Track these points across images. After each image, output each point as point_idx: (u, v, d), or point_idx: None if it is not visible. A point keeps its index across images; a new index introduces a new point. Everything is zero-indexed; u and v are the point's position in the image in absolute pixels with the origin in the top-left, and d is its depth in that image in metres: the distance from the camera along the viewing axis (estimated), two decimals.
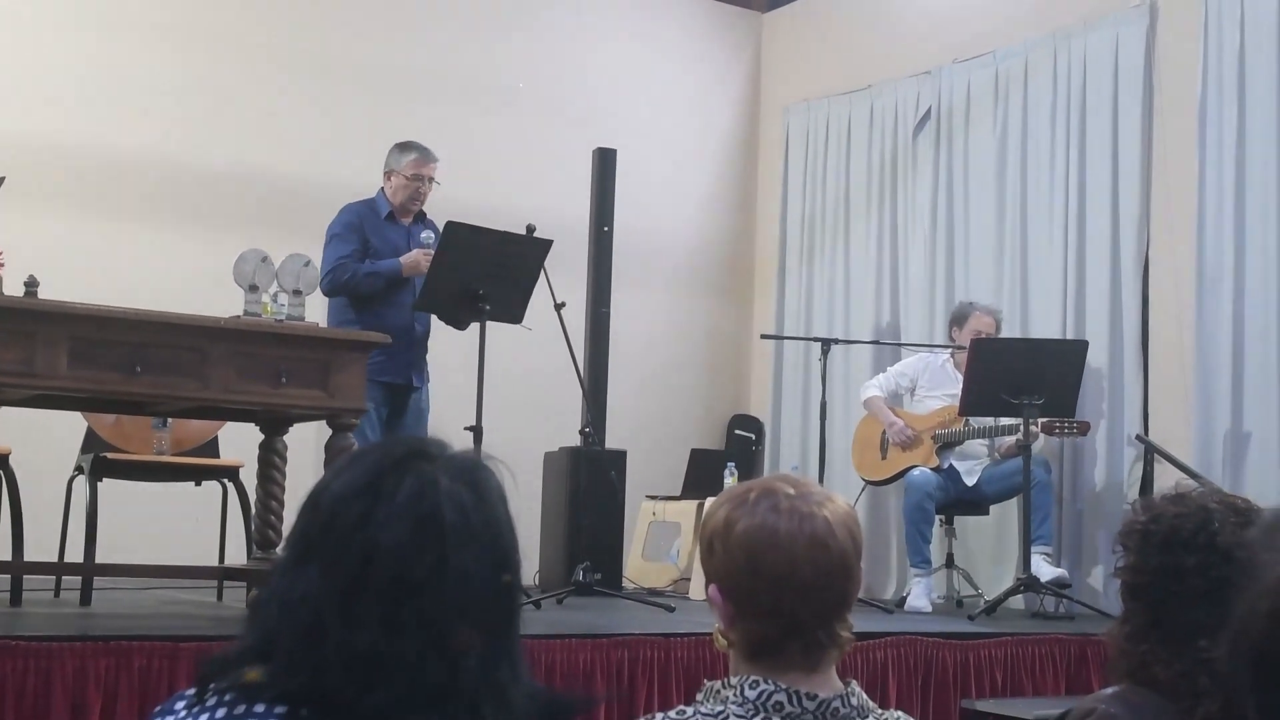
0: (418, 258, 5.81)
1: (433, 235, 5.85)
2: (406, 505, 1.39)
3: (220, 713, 1.36)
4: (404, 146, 6.04)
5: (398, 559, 1.36)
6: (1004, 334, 6.85)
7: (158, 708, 1.43)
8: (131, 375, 4.35)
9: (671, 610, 5.57)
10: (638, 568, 7.53)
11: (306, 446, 5.85)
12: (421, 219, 6.07)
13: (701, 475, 7.96)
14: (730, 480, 7.37)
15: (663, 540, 7.76)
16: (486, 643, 1.39)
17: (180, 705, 1.40)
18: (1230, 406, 6.23)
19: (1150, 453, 6.28)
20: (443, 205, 6.08)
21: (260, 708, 1.35)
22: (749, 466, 8.27)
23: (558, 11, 8.34)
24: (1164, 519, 2.06)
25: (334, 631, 1.34)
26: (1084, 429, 6.34)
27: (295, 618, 1.36)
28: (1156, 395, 6.63)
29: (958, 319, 6.82)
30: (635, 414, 7.99)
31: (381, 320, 5.72)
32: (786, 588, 1.80)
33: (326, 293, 5.84)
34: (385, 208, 6.02)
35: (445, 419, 6.06)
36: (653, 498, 7.77)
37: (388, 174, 6.04)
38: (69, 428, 5.69)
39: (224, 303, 5.03)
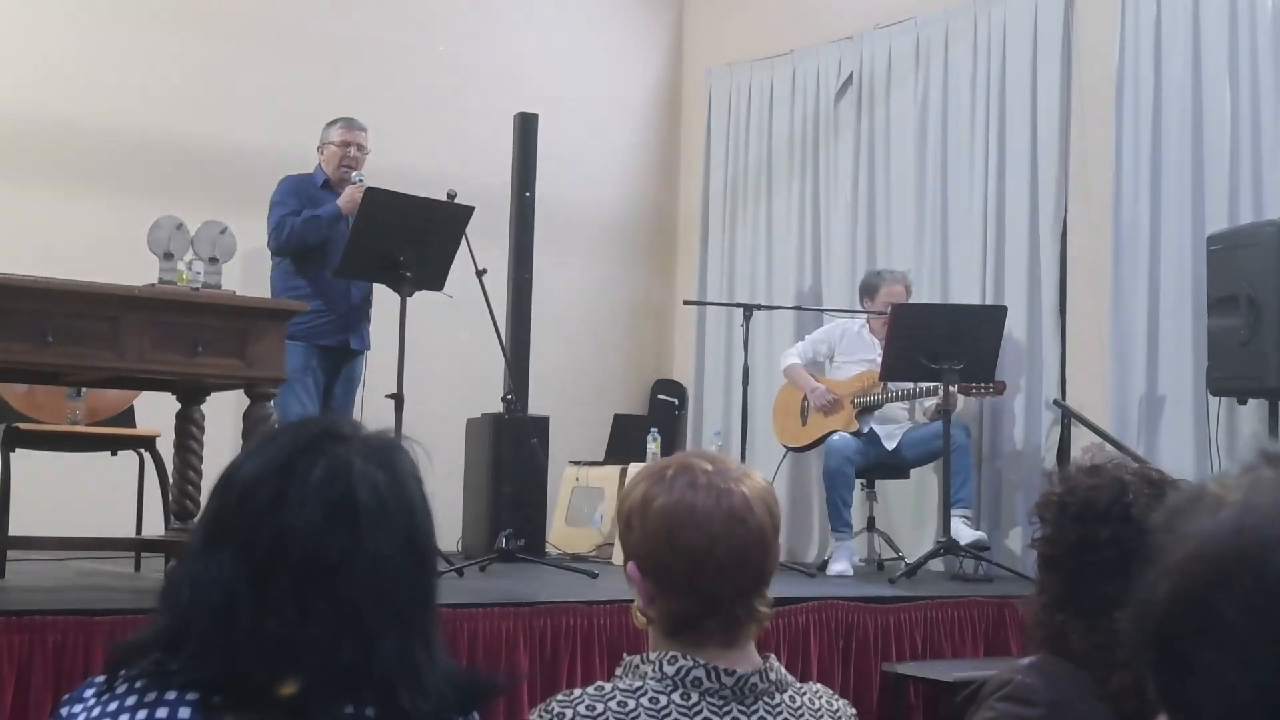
0: (352, 193, 5.93)
1: (361, 176, 6.06)
2: (319, 487, 1.37)
3: (130, 700, 1.34)
4: (333, 120, 6.26)
5: (311, 542, 1.35)
6: (924, 299, 6.90)
7: (67, 696, 1.41)
8: (43, 345, 4.28)
9: (594, 577, 5.57)
10: (561, 533, 7.53)
11: (226, 415, 5.79)
12: None
13: (624, 441, 7.98)
14: (653, 446, 7.38)
15: (586, 506, 7.76)
16: (401, 625, 1.38)
17: (89, 693, 1.38)
18: (1145, 371, 6.31)
19: (1067, 417, 6.37)
20: (366, 170, 6.15)
21: (172, 694, 1.33)
22: (672, 432, 8.28)
23: None
24: (1079, 491, 2.08)
25: (246, 616, 1.32)
26: (1000, 389, 6.40)
27: (207, 602, 1.34)
28: (1074, 360, 6.72)
29: (868, 289, 6.86)
30: (558, 380, 7.97)
31: (320, 284, 5.89)
32: (704, 564, 1.81)
33: (275, 251, 6.08)
34: (320, 178, 6.21)
35: (368, 386, 6.04)
36: (576, 463, 7.77)
37: (321, 147, 6.24)
38: None
39: (139, 270, 4.95)
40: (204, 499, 4.25)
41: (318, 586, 1.34)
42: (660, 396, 8.73)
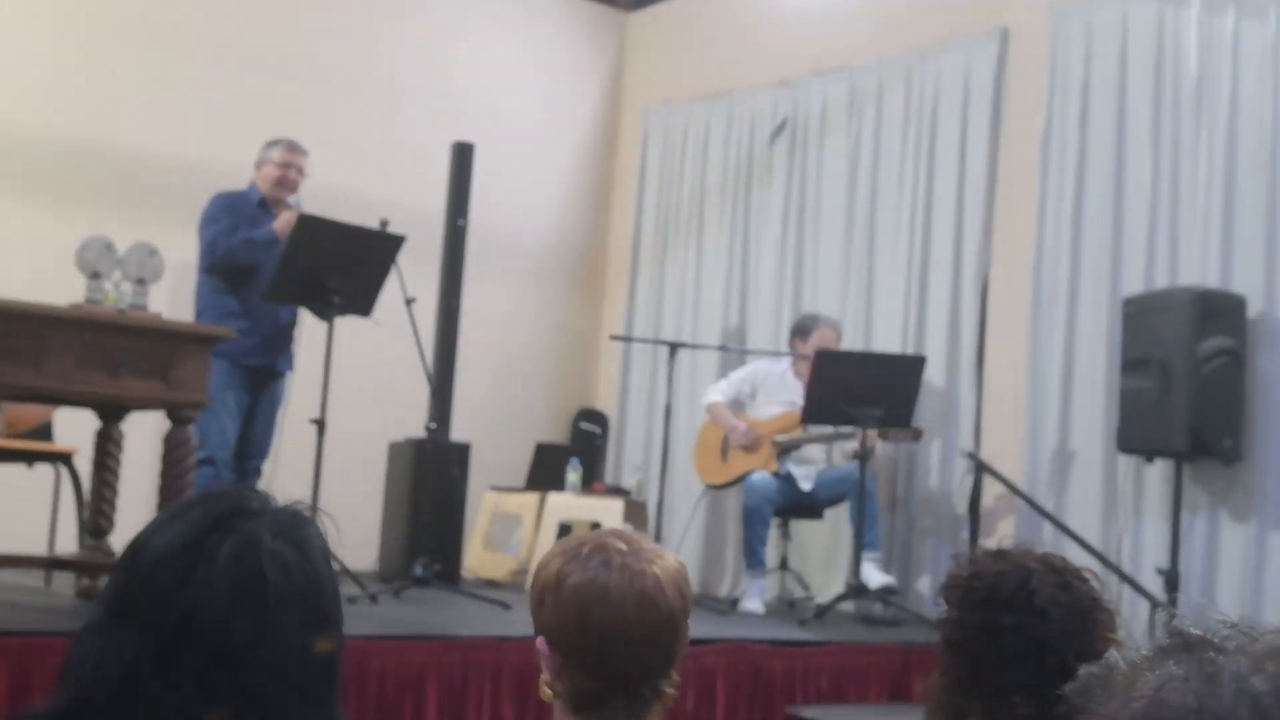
0: (289, 218, 5.82)
1: (298, 199, 6.00)
2: (228, 566, 1.35)
3: None
4: (274, 140, 6.15)
5: (218, 622, 1.33)
6: (847, 345, 7.00)
7: None
8: None
9: (508, 608, 5.61)
10: (477, 558, 7.56)
11: (146, 433, 5.78)
12: None
13: (545, 469, 8.01)
14: (573, 476, 7.43)
15: (504, 532, 7.80)
16: (306, 703, 1.39)
17: None
18: (1058, 426, 6.44)
19: (980, 467, 6.48)
20: (301, 193, 6.11)
21: None
22: (593, 461, 8.33)
23: (422, 3, 8.28)
24: (985, 576, 2.10)
25: (149, 695, 1.30)
26: (917, 435, 6.53)
27: (109, 679, 1.31)
28: (989, 411, 6.84)
29: (800, 330, 6.95)
30: (483, 405, 8.00)
31: (247, 304, 5.84)
32: (614, 643, 1.84)
33: (207, 270, 5.96)
34: (256, 195, 6.09)
35: (293, 409, 6.04)
36: (496, 489, 7.80)
37: (258, 165, 6.12)
38: None
39: (66, 285, 4.94)
40: (119, 516, 4.26)
41: (223, 667, 1.32)
42: (582, 425, 8.77)
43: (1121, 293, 6.20)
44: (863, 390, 6.24)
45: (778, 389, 6.98)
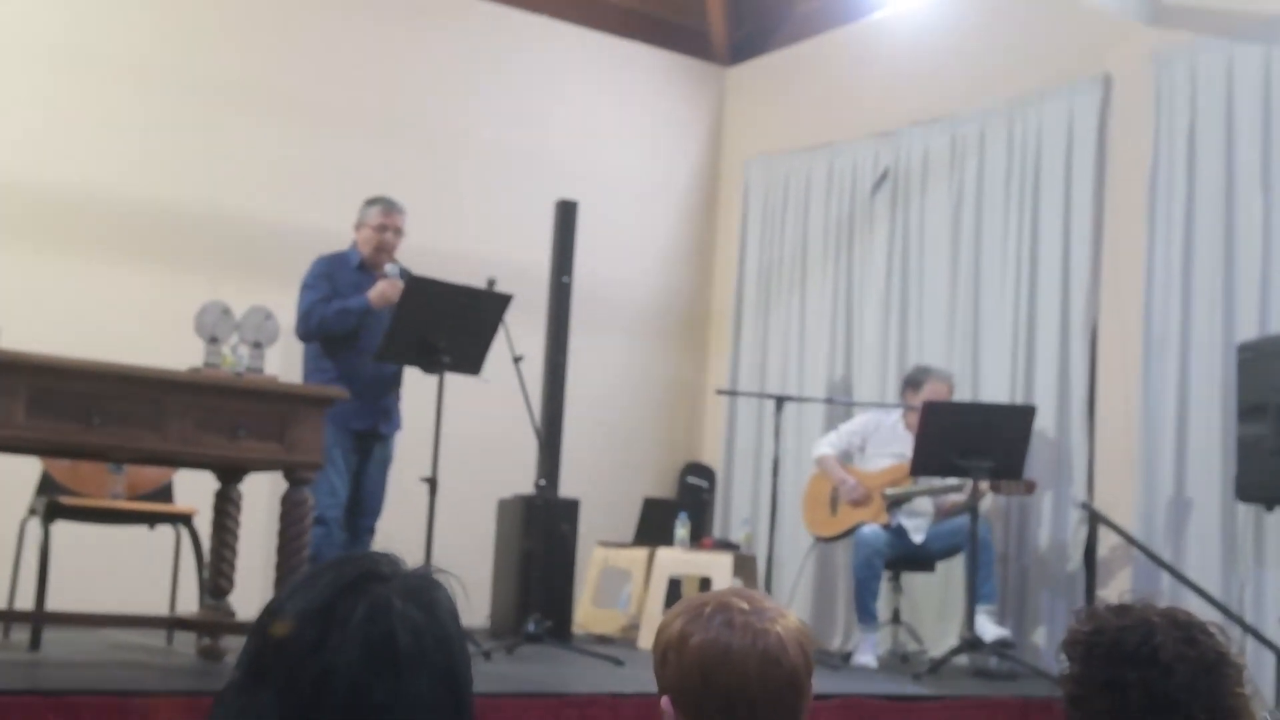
0: (384, 288, 5.87)
1: (398, 268, 5.95)
2: (360, 629, 1.39)
3: None
4: (372, 200, 6.15)
5: (352, 684, 1.36)
6: (955, 396, 6.95)
7: None
8: (89, 425, 4.38)
9: (620, 664, 5.62)
10: (588, 614, 7.57)
11: (261, 493, 5.90)
12: None
13: (653, 524, 8.00)
14: (682, 531, 7.42)
15: (613, 587, 7.81)
16: None
17: None
18: (1173, 474, 6.33)
19: (1094, 518, 6.39)
20: (406, 252, 6.18)
21: None
22: (700, 516, 8.33)
23: (524, 62, 8.41)
24: (1108, 631, 2.07)
25: None
26: (1030, 488, 6.45)
27: None
28: (1102, 460, 6.74)
29: (913, 383, 6.89)
30: (590, 461, 8.05)
31: (352, 367, 5.85)
32: (738, 703, 1.84)
33: (302, 337, 5.98)
34: (356, 258, 6.11)
35: (403, 466, 6.12)
36: (605, 544, 7.82)
37: (357, 226, 6.14)
38: (24, 466, 5.68)
39: (184, 347, 5.07)
40: (238, 575, 4.35)
41: None
42: (689, 479, 8.78)
43: (1235, 338, 6.10)
44: (972, 441, 6.18)
45: (888, 441, 6.94)
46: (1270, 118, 6.20)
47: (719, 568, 7.02)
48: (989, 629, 6.28)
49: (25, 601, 5.32)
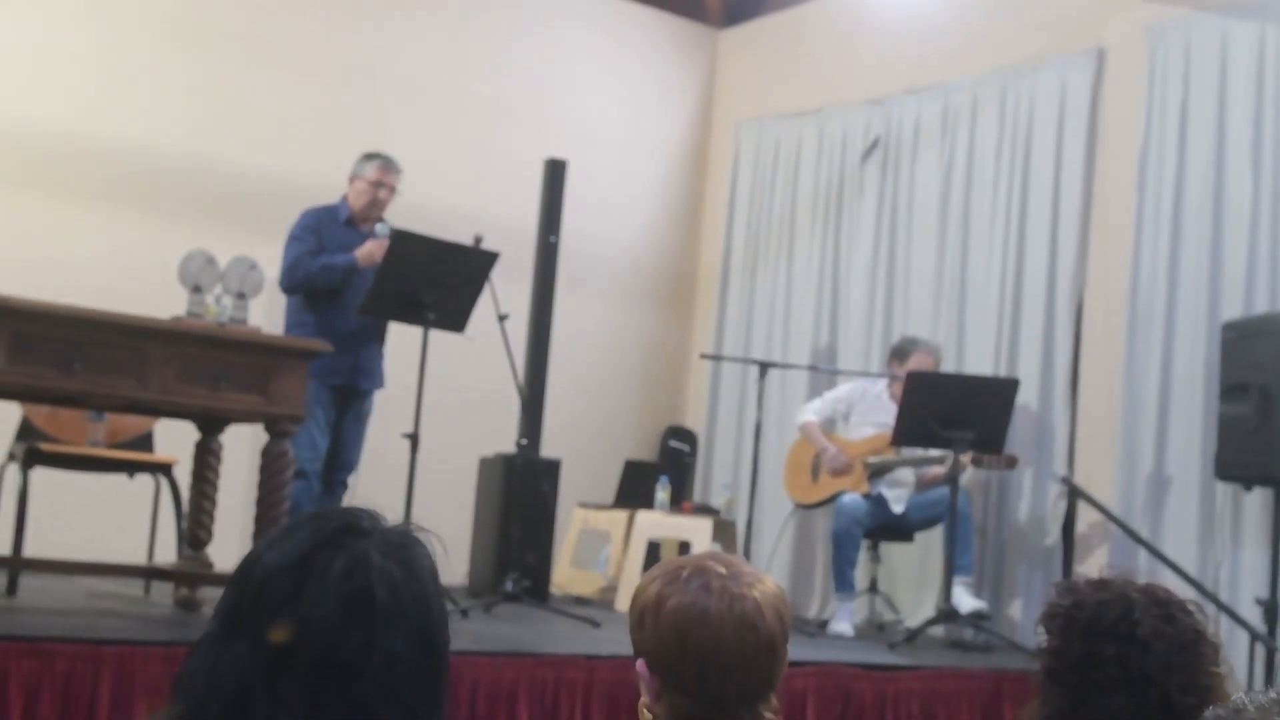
0: (371, 248, 5.83)
1: (388, 228, 5.89)
2: (338, 582, 1.38)
3: None
4: (370, 155, 6.10)
5: (327, 637, 1.36)
6: (939, 368, 6.94)
7: None
8: (70, 372, 4.36)
9: (597, 625, 5.63)
10: (566, 575, 7.58)
11: (243, 445, 5.88)
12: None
13: (634, 486, 8.02)
14: (662, 494, 7.43)
15: (592, 549, 7.81)
16: None
17: None
18: (1154, 451, 6.35)
19: (1074, 493, 6.40)
20: (393, 206, 6.14)
21: None
22: (681, 479, 8.33)
23: (518, 19, 8.35)
24: (1087, 605, 2.07)
25: (260, 708, 1.33)
26: (1011, 463, 6.45)
27: (221, 691, 1.35)
28: (1083, 435, 6.76)
29: (899, 353, 6.88)
30: (572, 422, 8.04)
31: (333, 322, 5.81)
32: (713, 666, 1.85)
33: (286, 290, 5.94)
34: (345, 212, 6.06)
35: (385, 422, 6.10)
36: (585, 506, 7.82)
37: (351, 179, 6.09)
38: (3, 411, 5.65)
39: (168, 296, 5.04)
40: (217, 527, 4.34)
41: (332, 683, 1.35)
42: (671, 443, 8.78)
43: (1220, 317, 6.11)
44: (954, 412, 6.18)
45: (873, 410, 6.94)
46: (1263, 96, 6.19)
47: (698, 532, 7.03)
48: (966, 600, 6.30)
49: (3, 547, 5.30)
